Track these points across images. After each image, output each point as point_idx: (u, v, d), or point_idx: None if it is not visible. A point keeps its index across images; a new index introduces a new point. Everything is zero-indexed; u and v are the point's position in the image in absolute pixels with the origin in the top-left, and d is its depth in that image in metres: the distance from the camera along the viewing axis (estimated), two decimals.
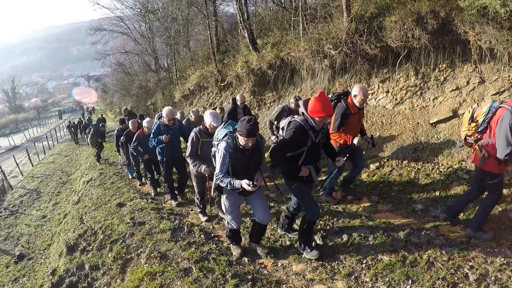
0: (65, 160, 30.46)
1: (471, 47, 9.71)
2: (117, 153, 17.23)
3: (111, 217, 10.18)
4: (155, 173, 12.32)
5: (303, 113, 5.88)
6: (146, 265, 6.95)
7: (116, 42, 44.49)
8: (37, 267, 11.87)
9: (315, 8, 15.48)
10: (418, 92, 11.06)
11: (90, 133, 21.91)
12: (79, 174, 20.96)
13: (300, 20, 15.06)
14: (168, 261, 6.88)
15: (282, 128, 6.37)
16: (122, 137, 14.02)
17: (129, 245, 8.09)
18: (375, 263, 5.90)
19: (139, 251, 7.68)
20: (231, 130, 6.07)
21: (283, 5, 19.05)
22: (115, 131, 15.27)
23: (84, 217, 11.35)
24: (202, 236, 7.84)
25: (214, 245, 7.32)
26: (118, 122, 18.27)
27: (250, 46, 18.06)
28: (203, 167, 7.60)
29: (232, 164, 5.95)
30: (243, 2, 19.04)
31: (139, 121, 14.97)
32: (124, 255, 7.74)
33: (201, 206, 9.07)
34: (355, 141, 7.55)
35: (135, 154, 12.35)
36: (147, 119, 12.23)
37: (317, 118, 5.71)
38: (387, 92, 11.79)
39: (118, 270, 7.30)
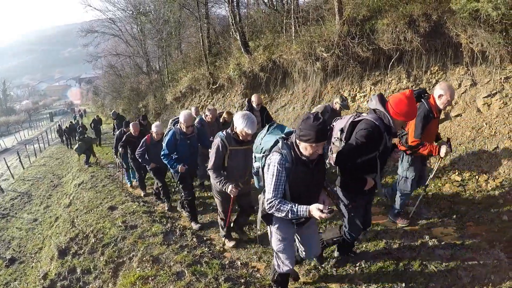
0: (56, 163, 30.26)
1: (463, 49, 9.76)
2: (115, 156, 15.61)
3: (102, 220, 10.13)
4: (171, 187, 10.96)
5: (376, 110, 4.82)
6: (138, 269, 6.90)
7: (108, 44, 44.36)
8: (29, 271, 11.80)
9: (307, 10, 15.54)
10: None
11: (78, 141, 21.39)
12: (70, 177, 20.83)
13: (292, 23, 15.07)
14: (161, 264, 6.84)
15: (342, 130, 5.26)
16: (122, 142, 12.29)
17: (121, 248, 8.04)
18: (369, 266, 5.88)
19: (131, 254, 7.63)
20: (283, 136, 4.54)
21: (275, 7, 19.10)
22: (117, 133, 13.84)
23: (75, 220, 11.29)
24: (194, 239, 7.79)
25: (206, 249, 7.27)
26: (110, 125, 18.10)
27: (242, 49, 18.06)
28: (229, 187, 6.13)
29: (290, 184, 4.37)
30: (235, 4, 19.04)
31: (125, 129, 13.54)
32: (116, 259, 7.69)
33: (225, 229, 7.42)
34: (443, 151, 6.18)
35: (139, 160, 10.39)
36: (156, 123, 10.72)
37: (399, 121, 4.77)
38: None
39: (110, 274, 7.26)
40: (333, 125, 5.74)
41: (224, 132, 6.31)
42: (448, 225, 6.96)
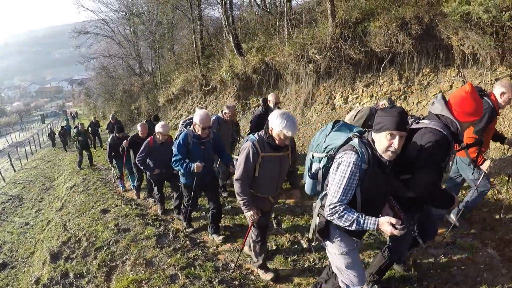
0: (48, 166, 30.02)
1: (454, 52, 9.85)
2: (110, 164, 14.72)
3: (95, 223, 10.04)
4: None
5: (440, 116, 4.01)
6: (132, 272, 6.88)
7: (100, 45, 44.14)
8: (21, 275, 11.71)
9: (300, 13, 15.57)
10: (402, 96, 11.17)
11: (79, 141, 20.25)
12: (62, 180, 20.69)
13: (285, 25, 15.10)
14: (154, 268, 6.83)
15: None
16: (124, 143, 11.26)
17: (114, 252, 7.99)
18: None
19: (124, 258, 7.59)
20: (357, 134, 3.82)
21: (268, 9, 19.12)
22: (109, 140, 12.69)
23: (67, 224, 11.21)
24: (187, 242, 7.77)
25: (200, 251, 7.26)
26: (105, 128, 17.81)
27: (235, 51, 18.07)
28: (250, 213, 5.30)
29: (362, 189, 3.66)
30: (229, 6, 19.03)
31: (117, 134, 12.33)
32: (109, 263, 7.64)
33: (260, 257, 6.12)
34: (486, 166, 5.92)
35: (141, 167, 9.41)
36: (162, 123, 9.16)
37: (467, 123, 3.98)
38: (371, 96, 11.89)
39: (103, 278, 7.20)
40: None
41: (255, 135, 5.23)
42: (441, 224, 7.01)
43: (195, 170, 6.86)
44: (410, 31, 10.43)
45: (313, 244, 6.67)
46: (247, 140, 5.29)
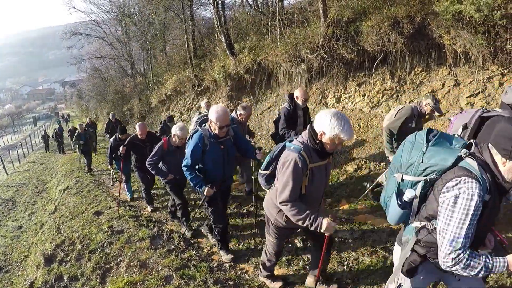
0: (40, 168, 29.90)
1: (446, 51, 9.88)
2: (109, 167, 13.72)
3: (88, 226, 10.03)
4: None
5: None
6: (126, 274, 6.86)
7: (92, 46, 44.00)
8: (15, 279, 11.65)
9: (292, 12, 15.56)
10: (394, 95, 11.18)
11: (80, 143, 19.51)
12: (55, 183, 20.59)
13: (277, 25, 15.09)
14: (148, 269, 6.81)
15: (465, 126, 4.38)
16: (122, 147, 10.26)
17: (108, 254, 7.97)
18: (356, 264, 5.94)
19: (118, 260, 7.58)
20: (467, 151, 2.95)
21: (260, 9, 19.11)
22: (111, 141, 11.82)
23: (61, 226, 11.17)
24: (181, 243, 7.77)
25: (194, 252, 7.27)
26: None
27: (227, 51, 18.04)
28: (325, 222, 4.14)
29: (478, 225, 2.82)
30: (220, 6, 19.05)
31: (120, 136, 11.39)
32: (103, 265, 7.62)
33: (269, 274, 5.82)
34: None
35: (152, 171, 8.19)
36: (180, 124, 8.06)
37: None
38: (364, 95, 11.89)
39: (98, 280, 7.18)
40: (451, 121, 4.95)
41: (299, 142, 4.28)
42: None
43: (206, 194, 6.05)
44: (402, 30, 10.45)
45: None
46: (290, 150, 4.23)
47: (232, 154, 6.43)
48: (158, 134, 12.30)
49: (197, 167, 6.21)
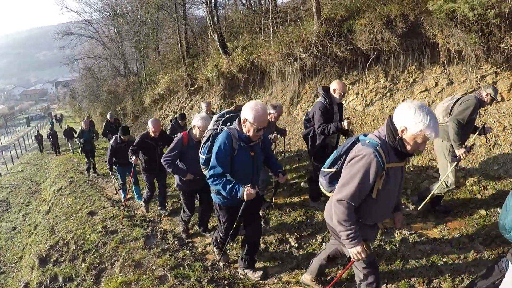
0: (34, 169, 29.78)
1: (440, 49, 9.91)
2: (109, 172, 12.05)
3: (82, 226, 9.95)
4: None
5: None
6: (121, 274, 6.82)
7: (85, 46, 43.83)
8: (10, 281, 11.58)
9: (285, 11, 15.58)
10: (388, 94, 11.19)
11: (81, 142, 17.20)
12: (48, 183, 20.47)
13: (270, 23, 15.08)
14: (143, 269, 6.78)
15: None
16: (134, 158, 8.80)
17: (102, 254, 7.93)
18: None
19: (112, 260, 7.54)
20: None
21: (253, 8, 19.12)
22: (111, 143, 10.73)
23: (55, 227, 11.11)
24: (176, 242, 7.73)
25: (188, 251, 7.23)
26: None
27: (220, 50, 18.02)
28: (357, 248, 3.73)
29: None
30: (213, 5, 19.01)
31: (122, 136, 10.53)
32: (97, 265, 7.57)
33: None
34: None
35: (169, 169, 7.09)
36: (202, 114, 7.54)
37: None
38: (357, 94, 11.91)
39: (92, 280, 7.15)
40: None
41: (375, 136, 3.68)
42: (428, 220, 7.09)
43: (245, 198, 4.74)
44: (396, 29, 10.46)
45: None
46: (364, 147, 3.63)
47: (261, 162, 5.47)
48: (168, 133, 11.23)
49: (227, 176, 4.97)
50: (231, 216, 5.53)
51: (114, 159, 10.89)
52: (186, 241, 7.83)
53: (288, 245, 6.86)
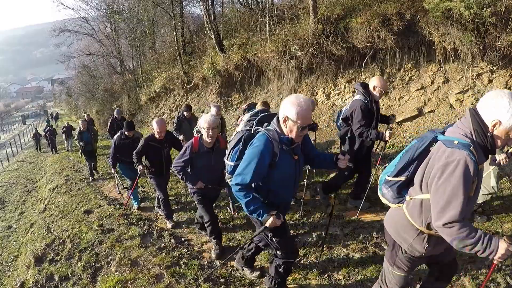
0: (29, 167, 29.69)
1: (436, 48, 9.94)
2: (112, 170, 11.23)
3: (78, 225, 9.92)
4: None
5: None
6: (117, 273, 6.81)
7: (81, 44, 43.75)
8: (5, 280, 11.53)
9: (282, 9, 15.57)
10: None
11: (80, 145, 15.85)
12: (44, 181, 20.44)
13: (267, 21, 15.09)
14: (139, 268, 6.78)
15: None
16: (138, 152, 8.23)
17: (99, 253, 7.90)
18: (347, 260, 5.94)
19: (109, 259, 7.51)
20: None
21: (250, 6, 19.11)
22: (115, 138, 9.98)
23: (51, 226, 11.07)
24: (172, 240, 7.71)
25: (184, 250, 7.22)
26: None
27: (217, 48, 17.99)
28: (501, 247, 2.93)
29: None
30: (210, 3, 18.96)
31: (126, 132, 9.71)
32: (93, 264, 7.55)
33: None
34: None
35: (180, 176, 6.56)
36: (213, 111, 7.54)
37: None
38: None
39: (89, 279, 7.12)
40: None
41: (461, 134, 3.04)
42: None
43: (268, 226, 4.21)
44: (392, 27, 10.48)
45: None
46: (457, 151, 2.90)
47: (303, 166, 4.77)
48: (174, 125, 11.30)
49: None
50: (284, 236, 4.70)
51: (117, 155, 9.93)
52: (183, 239, 7.80)
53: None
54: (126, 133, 9.72)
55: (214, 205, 7.61)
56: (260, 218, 4.21)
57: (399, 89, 10.89)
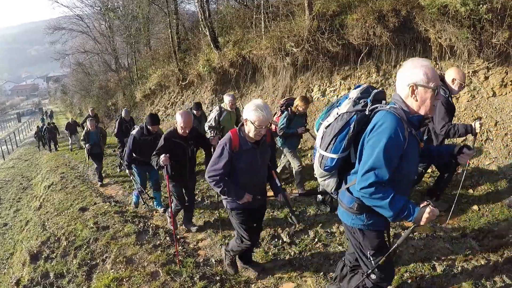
0: (25, 165, 29.59)
1: (432, 44, 9.92)
2: (127, 171, 9.35)
3: (74, 222, 9.90)
4: None
5: None
6: (112, 270, 6.80)
7: (76, 41, 43.66)
8: (1, 277, 11.47)
9: (277, 6, 15.52)
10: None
11: (87, 148, 13.53)
12: (39, 179, 20.39)
13: (262, 18, 15.05)
14: (134, 265, 6.75)
15: None
16: (163, 157, 6.46)
17: (94, 250, 7.88)
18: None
19: (104, 256, 7.50)
20: None
21: (245, 3, 19.03)
22: (134, 133, 8.47)
23: (46, 223, 11.04)
24: (167, 238, 7.69)
25: (180, 247, 7.18)
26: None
27: (212, 45, 17.98)
28: None
29: None
30: (205, 0, 18.92)
31: (150, 126, 8.27)
32: (89, 261, 7.53)
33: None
34: None
35: (218, 189, 4.85)
36: (257, 102, 4.60)
37: None
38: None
39: (84, 277, 7.10)
40: None
41: None
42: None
43: (422, 224, 3.26)
44: (388, 24, 10.45)
45: None
46: None
47: None
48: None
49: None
50: (382, 244, 3.78)
51: (133, 155, 8.61)
52: (178, 237, 7.72)
53: (280, 241, 6.82)
54: (149, 127, 8.27)
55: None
56: (411, 218, 3.22)
57: (395, 85, 10.88)
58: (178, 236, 7.77)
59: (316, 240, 6.63)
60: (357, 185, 3.28)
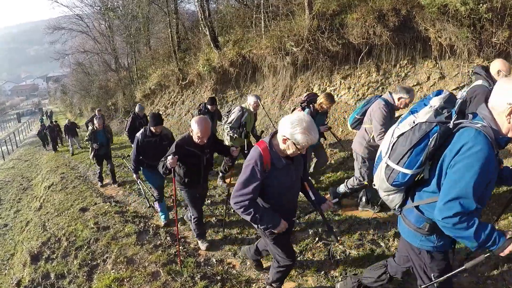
0: (25, 165, 29.53)
1: (432, 43, 9.93)
2: (134, 176, 8.65)
3: (74, 222, 9.90)
4: None
5: None
6: (113, 270, 6.80)
7: (75, 41, 43.56)
8: (1, 278, 11.46)
9: (277, 5, 15.50)
10: (380, 88, 11.19)
11: (94, 147, 12.57)
12: (40, 179, 20.38)
13: (262, 18, 15.04)
14: (135, 265, 6.77)
15: None
16: (171, 158, 5.68)
17: (95, 251, 7.88)
18: (344, 257, 5.93)
19: (105, 256, 7.50)
20: None
21: (245, 2, 19.02)
22: (137, 136, 7.89)
23: (46, 224, 11.03)
24: (168, 238, 7.71)
25: (181, 247, 7.18)
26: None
27: (212, 44, 17.96)
28: None
29: None
30: None
31: (153, 128, 7.64)
32: (90, 262, 7.53)
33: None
34: None
35: (248, 216, 3.90)
36: (301, 115, 3.64)
37: None
38: (349, 88, 11.89)
39: (85, 277, 7.09)
40: None
41: None
42: None
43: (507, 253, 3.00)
44: (388, 23, 10.45)
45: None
46: None
47: None
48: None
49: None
50: (448, 266, 3.69)
51: (140, 158, 8.01)
52: (179, 236, 7.70)
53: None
54: (152, 129, 7.69)
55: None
56: (494, 247, 2.92)
57: (395, 85, 10.87)
58: (179, 236, 7.73)
59: (317, 239, 6.63)
60: (438, 212, 2.96)
